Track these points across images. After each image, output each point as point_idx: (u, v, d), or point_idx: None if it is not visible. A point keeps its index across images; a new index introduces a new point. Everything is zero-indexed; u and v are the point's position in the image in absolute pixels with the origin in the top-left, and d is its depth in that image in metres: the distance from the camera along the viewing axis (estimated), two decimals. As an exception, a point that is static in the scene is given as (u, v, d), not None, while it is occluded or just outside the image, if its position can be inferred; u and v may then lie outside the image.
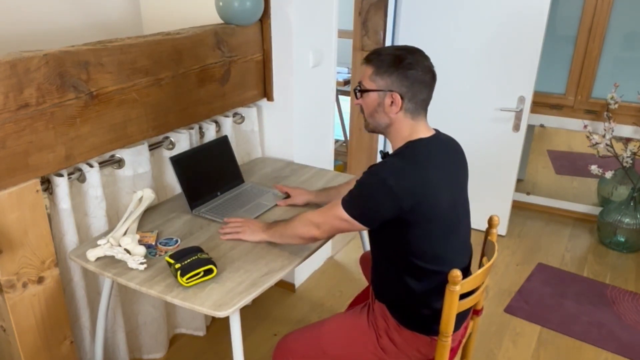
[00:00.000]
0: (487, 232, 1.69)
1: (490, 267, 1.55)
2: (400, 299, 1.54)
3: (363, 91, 1.48)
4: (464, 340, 1.72)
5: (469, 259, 1.62)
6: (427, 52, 3.37)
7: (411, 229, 1.41)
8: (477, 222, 3.33)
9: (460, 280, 1.37)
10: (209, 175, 2.06)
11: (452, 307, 1.40)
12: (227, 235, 1.76)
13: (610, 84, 3.11)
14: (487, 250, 1.66)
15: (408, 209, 1.37)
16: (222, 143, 2.15)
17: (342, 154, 4.14)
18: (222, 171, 2.12)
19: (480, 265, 1.63)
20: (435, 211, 1.41)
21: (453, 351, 1.62)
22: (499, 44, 2.92)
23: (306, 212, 1.60)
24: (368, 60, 1.47)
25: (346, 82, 4.68)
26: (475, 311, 1.74)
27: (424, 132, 1.48)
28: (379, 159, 3.15)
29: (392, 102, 1.44)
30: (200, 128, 2.21)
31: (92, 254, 1.62)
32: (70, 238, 1.75)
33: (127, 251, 1.63)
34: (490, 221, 1.67)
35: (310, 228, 1.54)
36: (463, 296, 1.45)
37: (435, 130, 1.53)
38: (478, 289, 1.55)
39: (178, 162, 1.93)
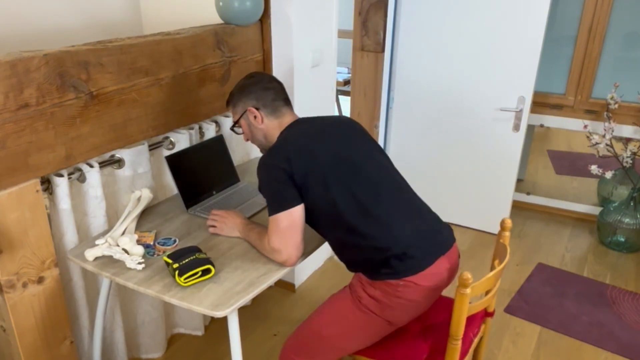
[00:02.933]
0: (499, 235, 1.68)
1: (502, 270, 1.54)
2: (357, 259, 1.60)
3: (235, 124, 1.76)
4: (475, 341, 1.71)
5: (397, 195, 1.61)
6: (427, 52, 3.39)
7: (310, 190, 1.54)
8: (478, 221, 3.34)
9: (470, 283, 1.36)
10: (205, 174, 2.06)
11: (462, 310, 1.39)
12: (210, 229, 1.82)
13: (610, 84, 3.11)
14: (499, 253, 1.66)
15: (296, 173, 1.53)
16: (218, 142, 2.15)
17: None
18: (217, 170, 2.13)
19: (492, 268, 1.62)
20: (318, 167, 1.55)
21: (463, 351, 1.61)
22: (499, 44, 2.92)
23: (268, 237, 1.61)
24: (227, 104, 1.78)
25: (346, 82, 4.68)
26: (487, 313, 1.74)
27: (288, 122, 1.71)
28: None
29: (254, 116, 1.69)
30: (200, 128, 2.21)
31: (91, 254, 1.62)
32: (70, 238, 1.75)
33: (125, 251, 1.64)
34: (503, 224, 1.66)
35: (275, 255, 1.60)
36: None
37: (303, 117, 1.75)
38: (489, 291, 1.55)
39: (173, 160, 1.94)
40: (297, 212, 1.55)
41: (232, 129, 1.78)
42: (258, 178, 1.60)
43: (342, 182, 1.55)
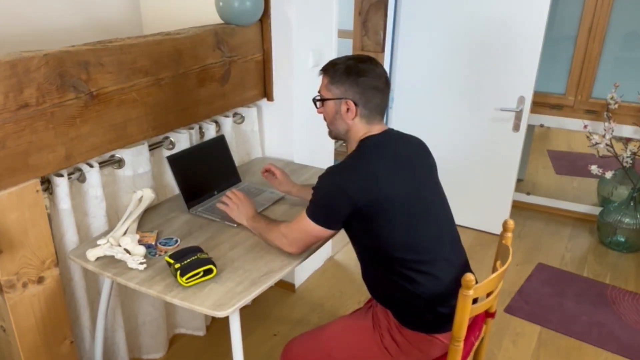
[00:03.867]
0: (502, 236, 1.67)
1: (505, 272, 1.54)
2: (393, 298, 1.55)
3: (321, 100, 1.58)
4: (476, 343, 1.71)
5: (452, 248, 1.60)
6: (427, 52, 3.38)
7: (374, 221, 1.46)
8: (478, 221, 3.34)
9: (473, 285, 1.35)
10: (206, 174, 2.06)
11: (464, 311, 1.39)
12: (221, 205, 1.82)
13: (610, 84, 3.11)
14: (501, 254, 1.65)
15: (363, 203, 1.43)
16: (219, 142, 2.15)
17: (342, 154, 4.13)
18: (219, 170, 2.13)
19: (494, 269, 1.62)
20: (392, 200, 1.46)
21: (465, 353, 1.61)
22: (499, 44, 2.92)
23: (284, 223, 1.64)
24: (324, 70, 1.56)
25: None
26: (489, 314, 1.73)
27: (376, 131, 1.56)
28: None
29: (347, 109, 1.52)
30: (200, 128, 2.21)
31: (92, 254, 1.62)
32: (70, 238, 1.75)
33: (127, 251, 1.63)
34: (505, 225, 1.66)
35: (284, 243, 1.61)
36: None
37: (389, 128, 1.60)
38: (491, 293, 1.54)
39: (175, 161, 1.94)
40: (327, 233, 1.54)
41: (315, 100, 1.60)
42: (320, 181, 1.50)
43: (410, 225, 1.49)
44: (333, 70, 1.53)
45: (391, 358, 1.57)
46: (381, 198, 1.44)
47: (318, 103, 1.60)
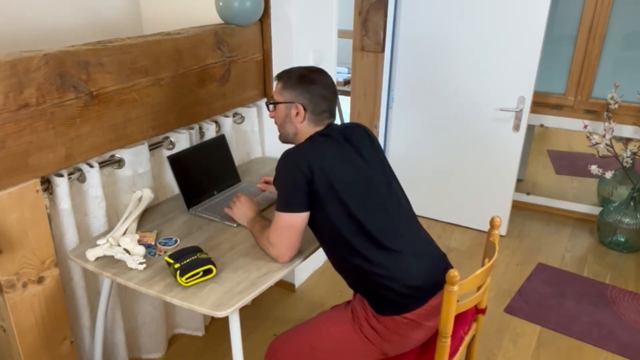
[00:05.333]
0: (489, 233, 1.68)
1: (491, 268, 1.55)
2: (356, 279, 1.59)
3: (273, 103, 1.68)
4: (467, 338, 1.71)
5: (407, 225, 1.63)
6: (427, 52, 3.37)
7: (326, 202, 1.53)
8: (478, 221, 3.34)
9: (457, 281, 1.36)
10: (206, 174, 2.06)
11: (450, 307, 1.40)
12: (226, 208, 1.87)
13: (610, 84, 3.11)
14: (488, 250, 1.66)
15: (315, 180, 1.52)
16: (220, 142, 2.15)
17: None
18: (219, 170, 2.13)
19: (482, 266, 1.63)
20: (339, 181, 1.53)
21: (453, 348, 1.61)
22: (499, 44, 2.92)
23: (269, 228, 1.65)
24: (279, 77, 1.68)
25: (346, 82, 4.68)
26: (479, 310, 1.74)
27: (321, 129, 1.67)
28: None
29: (297, 112, 1.63)
30: (200, 128, 2.21)
31: (92, 254, 1.62)
32: (70, 238, 1.75)
33: (127, 251, 1.64)
34: (492, 222, 1.67)
35: (269, 250, 1.64)
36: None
37: (330, 123, 1.71)
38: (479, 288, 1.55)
39: (175, 160, 1.94)
40: (299, 218, 1.55)
41: (267, 104, 1.71)
42: (276, 170, 1.58)
43: (360, 204, 1.54)
44: (287, 77, 1.64)
45: (373, 346, 1.58)
46: (331, 178, 1.52)
47: (271, 107, 1.69)
